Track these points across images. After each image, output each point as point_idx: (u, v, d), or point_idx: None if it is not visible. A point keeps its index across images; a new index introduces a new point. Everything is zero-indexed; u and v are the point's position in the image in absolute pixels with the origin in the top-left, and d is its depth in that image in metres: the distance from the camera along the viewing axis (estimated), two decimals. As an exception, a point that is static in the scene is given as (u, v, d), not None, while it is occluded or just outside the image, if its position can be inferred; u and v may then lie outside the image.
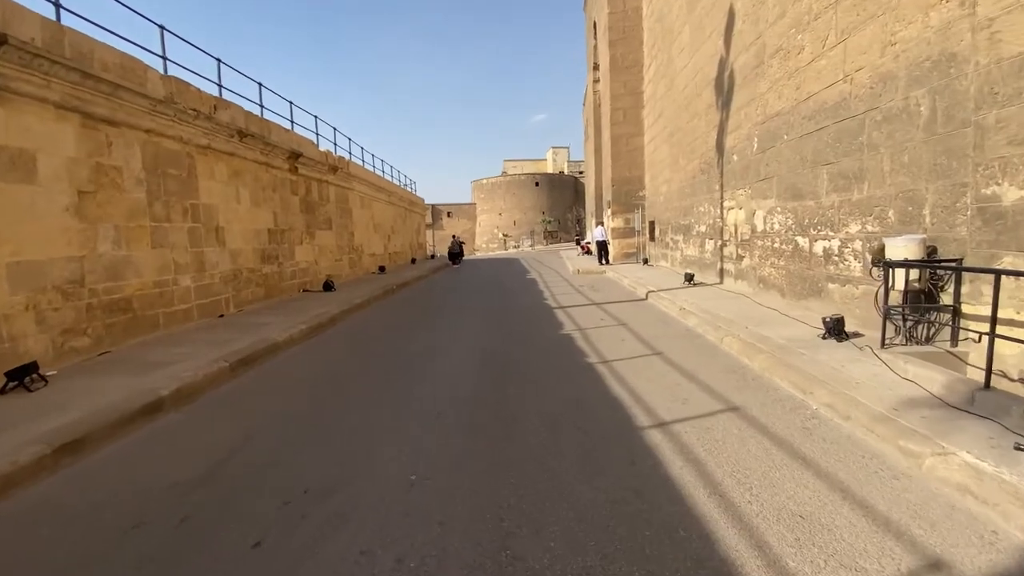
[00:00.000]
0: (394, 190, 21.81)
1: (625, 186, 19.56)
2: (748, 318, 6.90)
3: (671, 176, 15.19)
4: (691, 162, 12.98)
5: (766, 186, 8.54)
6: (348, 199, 15.24)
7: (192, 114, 7.54)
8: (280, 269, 10.68)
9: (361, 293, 11.27)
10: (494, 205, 79.36)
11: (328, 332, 7.74)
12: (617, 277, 14.19)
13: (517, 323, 7.91)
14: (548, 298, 10.78)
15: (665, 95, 15.53)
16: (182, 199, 7.52)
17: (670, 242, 15.43)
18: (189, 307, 7.57)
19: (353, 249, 15.60)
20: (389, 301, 11.39)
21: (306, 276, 11.96)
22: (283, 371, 5.63)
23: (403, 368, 5.47)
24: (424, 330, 7.66)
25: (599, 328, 7.19)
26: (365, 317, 9.14)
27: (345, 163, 14.71)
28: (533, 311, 9.05)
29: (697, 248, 12.60)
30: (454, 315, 9.02)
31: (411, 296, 12.33)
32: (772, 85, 8.20)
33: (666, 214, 15.92)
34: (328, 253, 13.43)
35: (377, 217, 18.91)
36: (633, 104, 19.17)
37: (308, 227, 12.17)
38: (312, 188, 12.52)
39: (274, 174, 10.56)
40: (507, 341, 6.59)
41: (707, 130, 11.61)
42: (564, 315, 8.40)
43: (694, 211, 12.79)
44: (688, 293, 9.46)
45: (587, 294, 11.06)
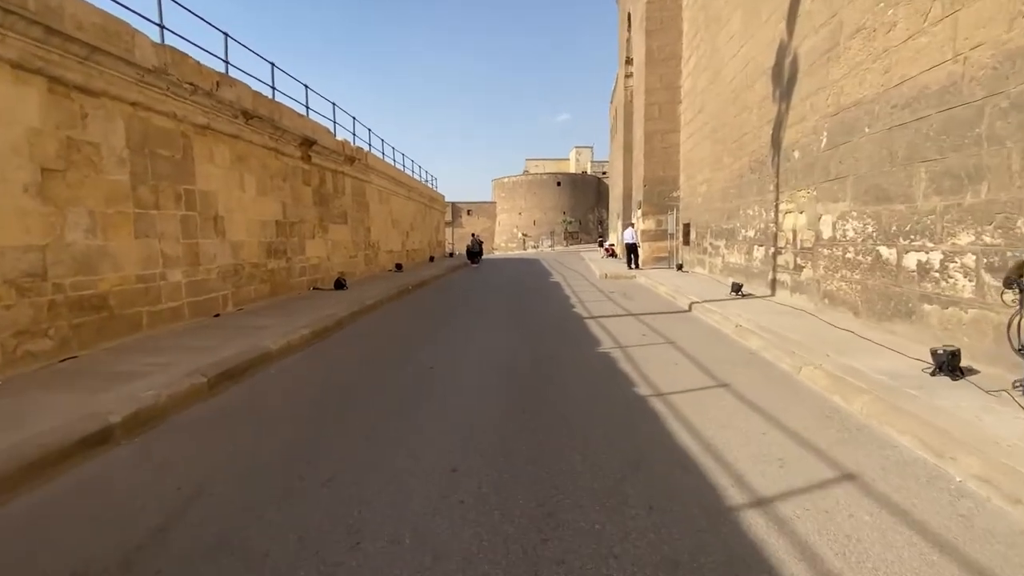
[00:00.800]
0: (414, 185, 21.00)
1: (658, 186, 18.39)
2: (822, 341, 5.80)
3: (711, 175, 14.02)
4: (737, 160, 11.82)
5: (837, 187, 7.39)
6: (365, 192, 14.43)
7: (189, 89, 6.73)
8: (288, 265, 9.87)
9: (374, 293, 10.41)
10: (514, 204, 78.45)
11: (332, 338, 6.86)
12: (650, 284, 13.09)
13: (545, 335, 6.92)
14: (576, 305, 9.76)
15: (707, 88, 14.35)
16: (175, 184, 6.72)
17: (708, 247, 14.26)
18: (179, 305, 6.76)
19: (369, 245, 14.79)
20: (403, 303, 10.51)
21: (317, 273, 11.15)
22: (270, 389, 4.74)
23: (410, 399, 4.52)
24: (438, 342, 6.73)
25: (644, 347, 6.15)
26: (375, 321, 8.25)
27: (363, 154, 13.90)
28: (562, 321, 8.05)
29: (743, 255, 11.44)
30: (473, 323, 8.07)
31: (427, 297, 11.44)
32: (851, 70, 7.06)
33: (704, 216, 14.75)
34: (342, 249, 12.62)
35: (396, 212, 18.11)
36: (669, 99, 17.99)
37: (321, 220, 11.37)
38: (327, 179, 11.71)
39: (285, 162, 9.75)
40: (536, 359, 5.61)
41: (759, 124, 10.46)
42: (598, 328, 7.38)
43: (740, 214, 11.63)
44: (739, 306, 8.35)
45: (620, 302, 10.01)
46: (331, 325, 7.19)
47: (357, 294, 10.16)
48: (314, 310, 8.10)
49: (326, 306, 8.52)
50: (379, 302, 9.69)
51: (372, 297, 9.80)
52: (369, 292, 10.54)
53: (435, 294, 12.08)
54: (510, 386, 4.67)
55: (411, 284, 12.56)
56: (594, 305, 9.67)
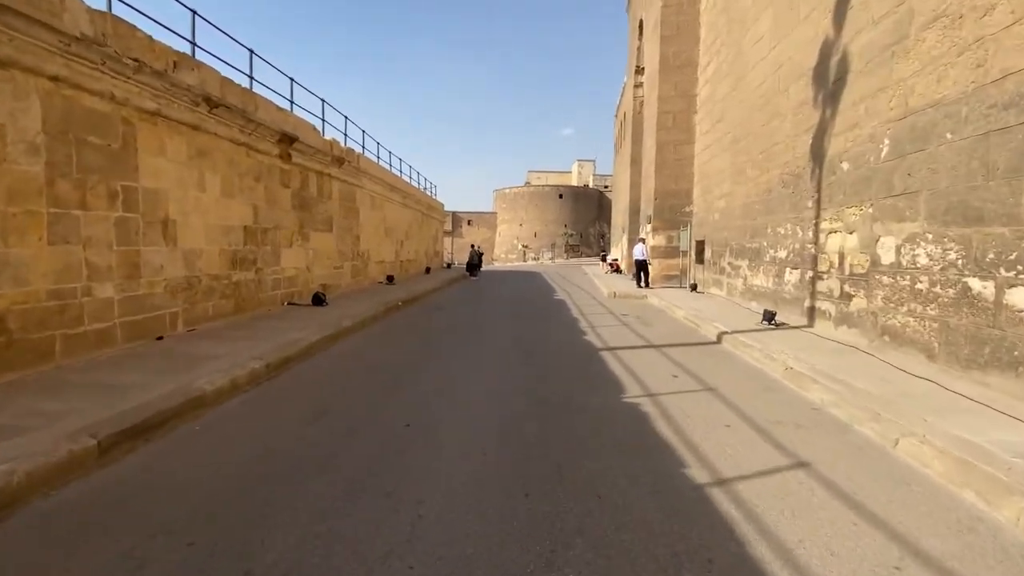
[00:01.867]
0: (411, 192, 19.87)
1: (670, 200, 17.28)
2: (904, 395, 4.59)
3: (732, 190, 12.91)
4: (765, 173, 10.71)
5: (905, 204, 6.24)
6: (355, 197, 13.27)
7: (133, 66, 5.57)
8: (258, 277, 8.67)
9: (357, 310, 9.20)
10: (515, 215, 77.56)
11: (292, 371, 5.63)
12: (665, 306, 11.89)
13: (555, 375, 5.70)
14: (588, 331, 8.55)
15: (728, 96, 13.30)
16: (109, 179, 5.53)
17: (727, 267, 13.09)
18: (108, 327, 5.54)
19: (358, 255, 13.59)
20: (389, 323, 9.28)
21: (294, 286, 9.94)
22: (180, 463, 3.45)
23: (372, 484, 3.30)
24: (422, 381, 5.50)
25: (679, 395, 4.93)
26: (351, 348, 7.00)
27: (354, 156, 12.77)
28: (573, 353, 6.83)
29: (771, 278, 10.27)
30: (467, 353, 6.83)
31: (417, 317, 10.20)
32: (925, 66, 5.94)
33: (722, 234, 13.61)
34: (325, 259, 11.42)
35: (389, 220, 16.94)
36: (684, 108, 16.96)
37: (301, 227, 10.18)
38: (310, 181, 10.55)
39: (258, 160, 8.59)
40: (545, 414, 4.39)
41: (794, 133, 9.35)
42: (617, 364, 6.17)
43: (767, 232, 10.49)
44: (777, 340, 7.15)
45: (637, 329, 8.81)
46: (295, 354, 5.97)
47: (336, 312, 8.94)
48: (281, 333, 6.87)
49: (296, 327, 7.30)
50: (361, 322, 8.47)
51: (353, 316, 8.58)
52: (351, 309, 9.33)
53: (427, 313, 10.84)
54: (515, 465, 3.44)
55: (401, 299, 11.35)
56: (608, 332, 8.46)
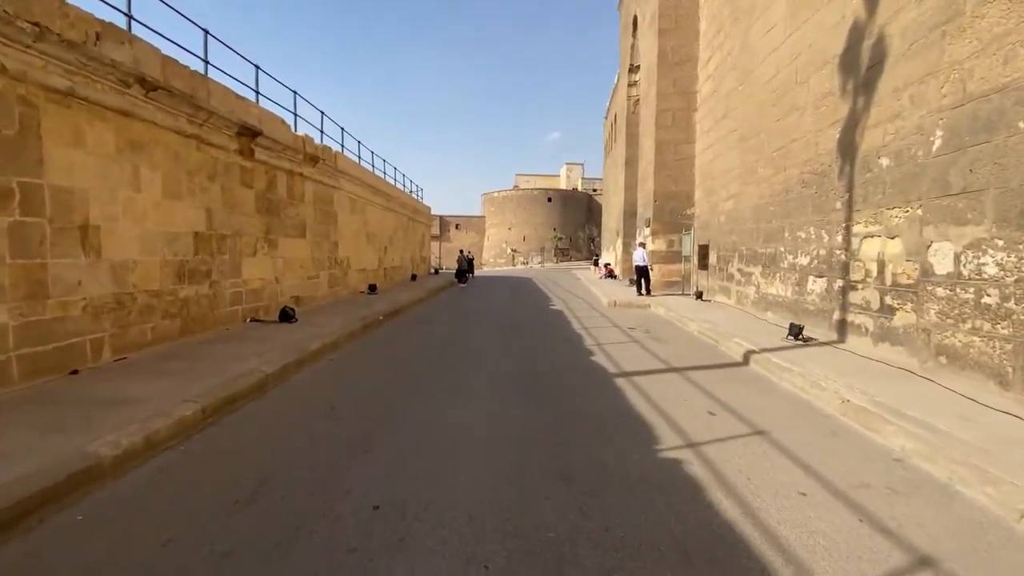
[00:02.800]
0: (395, 194, 18.74)
1: (669, 202, 16.39)
2: (1003, 442, 3.62)
3: (741, 190, 12.02)
4: (781, 172, 9.81)
5: (965, 204, 5.31)
6: (333, 200, 12.13)
7: (32, 32, 4.44)
8: (214, 291, 7.50)
9: (330, 327, 8.07)
10: (504, 219, 76.64)
11: (233, 418, 4.49)
12: (673, 317, 10.91)
13: (568, 419, 4.62)
14: (595, 350, 7.51)
15: (735, 91, 12.43)
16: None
17: (736, 274, 12.18)
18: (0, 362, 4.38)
19: (336, 263, 12.43)
20: (367, 342, 8.15)
21: (259, 300, 8.78)
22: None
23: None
24: (400, 426, 4.41)
25: (726, 443, 3.90)
26: (314, 381, 5.81)
27: (331, 154, 11.64)
28: (585, 384, 5.77)
29: (790, 286, 9.34)
30: (455, 386, 5.71)
31: (400, 333, 9.08)
32: (987, 45, 5.03)
33: (729, 238, 12.71)
34: (297, 268, 10.26)
35: (372, 225, 15.79)
36: (683, 106, 16.10)
37: (268, 233, 9.03)
38: (278, 182, 9.41)
39: (213, 156, 7.45)
40: (556, 475, 3.33)
41: (817, 128, 8.46)
42: (639, 397, 5.13)
43: (784, 236, 9.58)
44: (812, 360, 6.17)
45: (649, 346, 7.79)
46: (243, 391, 4.84)
47: (305, 331, 7.80)
48: (233, 361, 5.73)
49: (254, 352, 6.16)
50: (333, 343, 7.33)
51: (324, 335, 7.45)
52: (324, 326, 8.19)
53: (411, 328, 9.71)
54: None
55: (382, 313, 10.22)
56: (618, 351, 7.44)
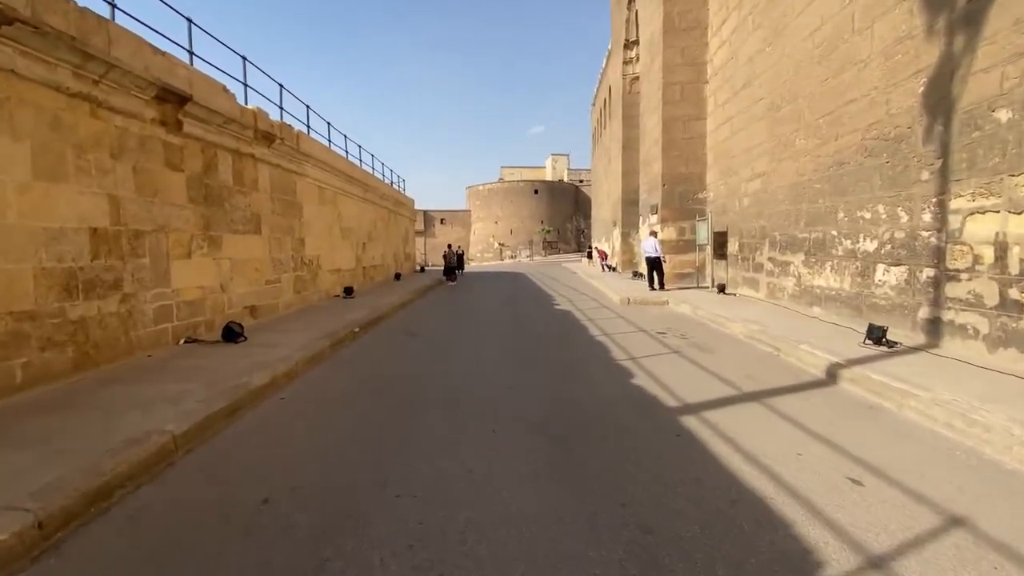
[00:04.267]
0: (373, 183, 16.82)
1: (679, 186, 14.77)
2: None
3: (771, 167, 10.43)
4: (829, 142, 8.22)
5: None
6: (296, 189, 10.25)
7: None
8: (128, 307, 5.66)
9: (286, 349, 6.28)
10: (490, 213, 74.74)
11: (95, 533, 2.76)
12: (704, 316, 9.28)
13: (643, 508, 2.96)
14: (632, 369, 5.83)
15: (760, 55, 10.82)
16: None
17: (767, 263, 10.62)
18: None
19: (303, 263, 10.57)
20: (333, 368, 6.33)
21: (198, 313, 6.93)
22: None
23: None
24: (367, 549, 2.69)
25: (922, 555, 2.26)
26: (247, 444, 3.95)
27: (291, 134, 9.75)
28: (637, 424, 4.09)
29: (847, 277, 7.76)
30: (455, 450, 3.94)
31: (377, 353, 7.21)
32: None
33: (756, 223, 11.14)
34: (251, 272, 8.41)
35: (347, 218, 13.90)
36: (693, 78, 14.46)
37: (207, 228, 7.17)
38: (219, 164, 7.54)
39: (117, 125, 5.59)
40: None
41: (889, 82, 6.86)
42: (727, 449, 3.47)
43: (838, 218, 8.01)
44: (929, 376, 4.55)
45: (697, 359, 6.13)
46: (123, 474, 3.07)
47: (250, 357, 5.98)
48: (134, 410, 3.94)
49: (169, 395, 4.37)
50: (287, 372, 5.54)
51: (276, 361, 5.66)
52: (277, 348, 6.39)
53: (393, 344, 7.86)
54: None
55: (359, 322, 8.43)
56: (660, 367, 5.77)
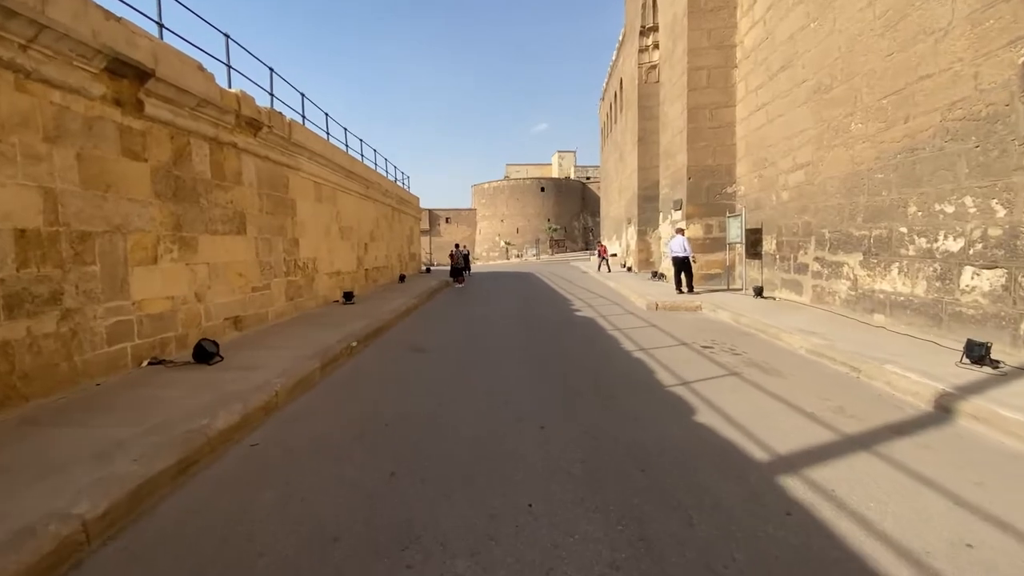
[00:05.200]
0: (375, 179, 15.79)
1: (706, 179, 13.65)
2: None
3: (817, 157, 9.32)
4: (896, 125, 7.11)
5: None
6: (288, 184, 9.23)
7: None
8: (70, 327, 4.64)
9: (267, 372, 5.24)
10: (496, 211, 73.62)
11: None
12: (748, 325, 8.14)
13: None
14: (687, 397, 4.74)
15: (802, 32, 9.70)
16: None
17: (813, 264, 9.50)
18: None
19: (297, 267, 9.56)
20: (321, 399, 5.29)
21: (166, 328, 5.91)
22: None
23: None
24: None
25: None
26: (196, 527, 3.00)
27: (282, 122, 8.72)
28: (731, 501, 3.02)
29: (923, 281, 6.65)
30: (470, 528, 2.97)
31: (377, 378, 5.94)
32: None
33: (799, 219, 10.02)
34: (233, 278, 7.39)
35: (346, 217, 12.87)
36: (721, 62, 13.33)
37: (178, 227, 6.16)
38: (193, 152, 6.52)
39: (58, 102, 4.57)
40: None
41: (978, 53, 5.75)
42: (889, 558, 2.42)
43: (908, 212, 6.90)
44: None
45: (762, 383, 5.05)
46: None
47: (221, 386, 4.93)
48: (45, 475, 2.93)
49: (103, 446, 3.35)
50: (264, 406, 4.50)
51: (251, 390, 4.63)
52: (257, 371, 5.35)
53: (396, 365, 6.25)
54: None
55: (357, 335, 7.39)
56: (722, 394, 4.68)
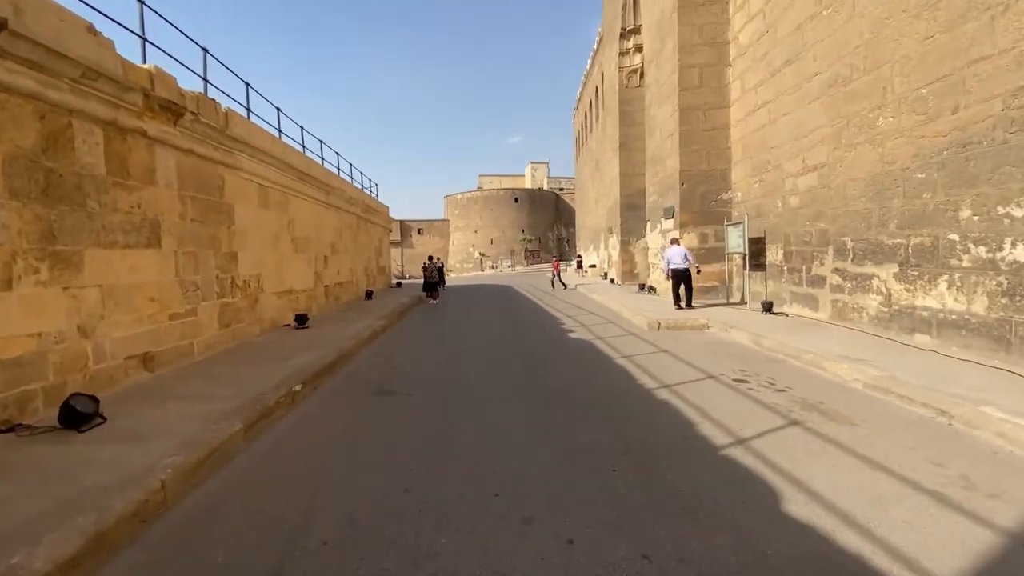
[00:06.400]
0: (338, 185, 14.22)
1: (701, 185, 12.63)
2: None
3: (835, 157, 8.32)
4: (942, 117, 6.11)
5: None
6: (223, 186, 7.66)
7: None
8: None
9: (162, 441, 3.70)
10: (469, 222, 72.22)
11: None
12: (773, 348, 6.91)
13: None
14: (760, 470, 3.41)
15: (810, 22, 8.76)
16: None
17: (832, 276, 8.45)
18: None
19: (235, 286, 7.95)
20: (236, 482, 3.81)
21: (29, 379, 4.27)
22: None
23: None
24: None
25: None
26: None
27: (215, 110, 7.19)
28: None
29: (982, 297, 5.57)
30: None
31: (321, 441, 4.40)
32: None
33: (812, 226, 9.00)
34: (142, 303, 5.79)
35: (301, 226, 11.27)
36: (714, 60, 12.39)
37: (49, 239, 4.56)
38: (75, 138, 4.95)
39: None
40: None
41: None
42: None
43: (960, 216, 5.87)
44: None
45: (833, 435, 3.79)
46: None
47: (74, 483, 3.39)
48: None
49: None
50: (133, 515, 3.02)
51: (110, 493, 3.14)
52: (147, 445, 3.82)
53: (349, 427, 4.44)
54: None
55: (304, 373, 5.88)
56: (804, 464, 3.38)
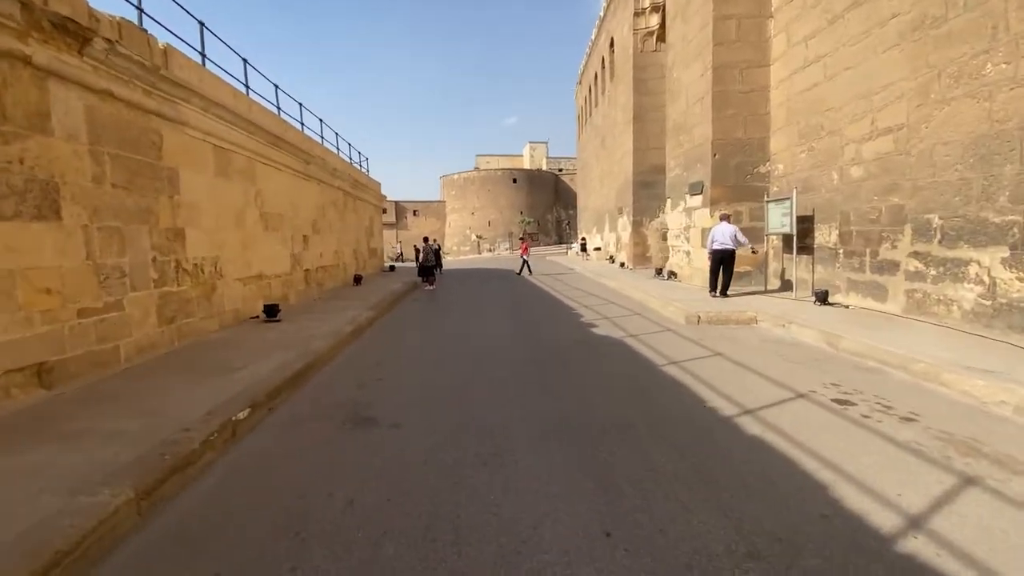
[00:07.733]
0: (320, 153, 12.54)
1: (735, 156, 11.05)
2: None
3: (919, 116, 6.76)
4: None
5: None
6: (162, 143, 6.06)
7: None
8: None
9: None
10: (466, 203, 70.28)
11: None
12: (858, 351, 5.35)
13: None
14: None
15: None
16: None
17: (911, 261, 6.97)
18: None
19: (183, 271, 6.39)
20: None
21: None
22: None
23: None
24: None
25: None
26: None
27: (146, 42, 5.55)
28: None
29: None
30: None
31: (260, 502, 2.70)
32: None
33: (882, 201, 7.48)
34: (25, 296, 4.23)
35: (274, 200, 9.64)
36: (754, 10, 10.71)
37: None
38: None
39: None
40: None
41: None
42: None
43: None
44: None
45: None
46: None
47: None
48: None
49: None
50: None
51: None
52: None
53: (308, 483, 2.78)
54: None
55: (253, 395, 4.38)
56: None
